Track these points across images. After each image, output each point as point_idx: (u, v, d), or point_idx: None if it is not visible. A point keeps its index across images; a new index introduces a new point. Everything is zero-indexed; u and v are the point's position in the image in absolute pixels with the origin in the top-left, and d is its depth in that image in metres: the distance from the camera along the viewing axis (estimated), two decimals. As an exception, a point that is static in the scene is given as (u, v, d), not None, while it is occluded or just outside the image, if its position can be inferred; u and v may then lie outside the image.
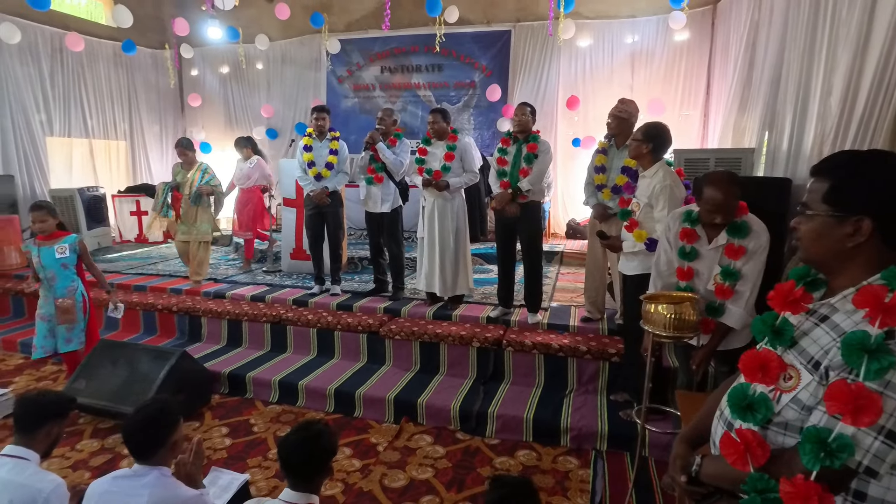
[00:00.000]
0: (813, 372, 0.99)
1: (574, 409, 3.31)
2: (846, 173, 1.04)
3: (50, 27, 7.24)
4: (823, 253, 1.07)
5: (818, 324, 1.05)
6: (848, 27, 3.05)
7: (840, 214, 1.02)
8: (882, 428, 0.87)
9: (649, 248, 2.80)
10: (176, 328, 4.76)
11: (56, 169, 7.62)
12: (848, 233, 1.02)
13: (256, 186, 5.89)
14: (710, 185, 2.24)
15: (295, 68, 8.69)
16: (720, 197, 2.23)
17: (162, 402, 1.92)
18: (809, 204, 1.07)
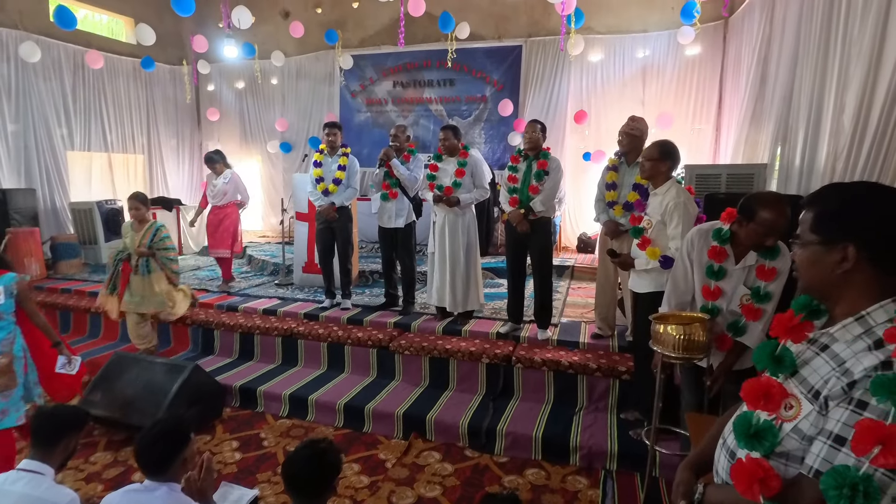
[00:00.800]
0: (813, 402, 0.99)
1: (584, 428, 3.28)
2: (830, 202, 1.07)
3: (73, 45, 7.46)
4: (818, 281, 1.09)
5: (819, 353, 1.05)
6: (860, 45, 3.04)
7: (827, 242, 1.04)
8: None
9: (664, 265, 2.78)
10: (189, 340, 4.82)
11: (76, 182, 7.80)
12: (836, 260, 1.03)
13: (232, 202, 5.59)
14: (767, 208, 2.16)
15: (309, 83, 8.83)
16: (779, 220, 2.16)
17: (175, 419, 1.96)
18: (801, 234, 1.09)
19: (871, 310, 1.01)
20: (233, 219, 5.61)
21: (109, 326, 5.17)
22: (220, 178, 5.48)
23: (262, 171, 9.40)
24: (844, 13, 3.28)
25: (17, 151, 6.92)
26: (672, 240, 2.77)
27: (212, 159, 5.54)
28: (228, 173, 5.53)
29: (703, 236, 2.40)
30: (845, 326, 1.03)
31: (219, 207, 5.56)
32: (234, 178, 5.54)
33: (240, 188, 5.59)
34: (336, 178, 4.57)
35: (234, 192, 5.54)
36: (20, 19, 6.88)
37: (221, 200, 5.53)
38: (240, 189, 5.59)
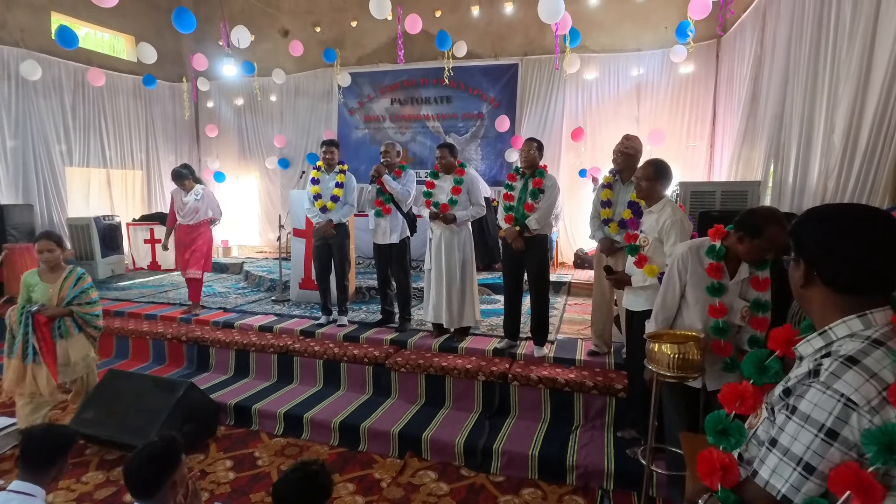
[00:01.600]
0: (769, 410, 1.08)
1: (580, 446, 3.27)
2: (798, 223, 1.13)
3: (74, 62, 7.53)
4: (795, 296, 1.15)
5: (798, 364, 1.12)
6: (848, 66, 3.10)
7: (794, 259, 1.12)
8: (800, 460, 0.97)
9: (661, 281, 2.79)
10: (185, 357, 4.79)
11: (74, 198, 7.82)
12: (798, 276, 1.11)
13: (205, 220, 5.20)
14: (775, 224, 2.18)
15: (308, 100, 8.92)
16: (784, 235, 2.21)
17: (165, 441, 1.94)
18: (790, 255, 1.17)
19: (833, 325, 1.06)
20: (206, 238, 5.25)
21: (104, 343, 5.14)
22: (191, 194, 5.08)
23: (260, 187, 9.44)
24: (833, 35, 3.35)
25: (15, 167, 6.95)
26: (669, 256, 2.79)
27: (181, 174, 5.10)
28: (200, 189, 5.15)
29: (695, 253, 2.40)
30: (809, 341, 1.09)
31: (190, 226, 5.12)
32: (206, 195, 5.18)
33: (212, 205, 5.23)
34: (334, 195, 4.60)
35: (206, 209, 5.17)
36: (22, 37, 6.95)
37: (193, 219, 5.10)
38: (212, 206, 5.23)
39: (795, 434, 0.97)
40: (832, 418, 0.93)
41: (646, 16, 7.11)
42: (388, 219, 4.45)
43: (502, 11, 7.64)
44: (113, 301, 5.94)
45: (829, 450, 0.93)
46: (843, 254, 1.04)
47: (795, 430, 0.97)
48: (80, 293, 3.40)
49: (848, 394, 0.93)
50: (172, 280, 7.27)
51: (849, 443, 0.92)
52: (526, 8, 7.34)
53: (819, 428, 0.94)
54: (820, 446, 0.94)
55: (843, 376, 0.94)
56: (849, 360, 0.96)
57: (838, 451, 0.93)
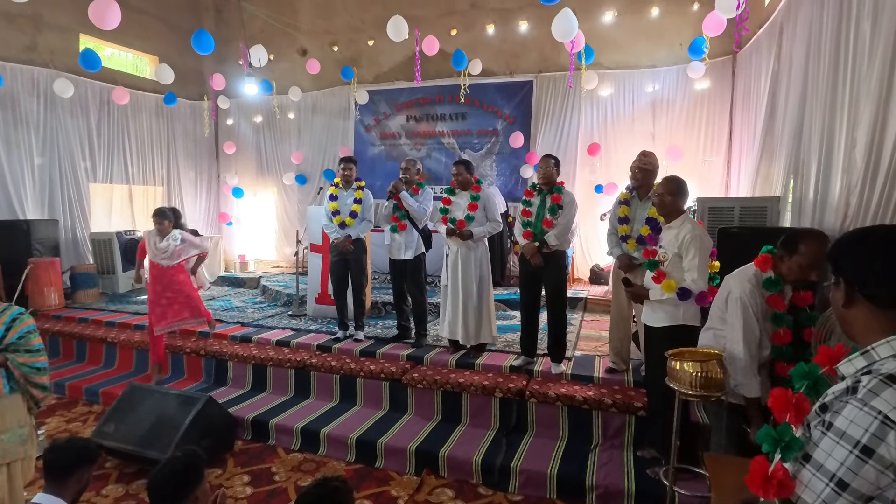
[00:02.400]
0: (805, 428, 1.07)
1: (599, 466, 3.22)
2: (838, 244, 1.14)
3: (100, 82, 7.76)
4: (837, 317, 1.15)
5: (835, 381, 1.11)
6: (869, 82, 3.07)
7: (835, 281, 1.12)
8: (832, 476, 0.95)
9: (681, 297, 2.77)
10: (203, 371, 4.84)
11: (97, 213, 7.99)
12: (839, 297, 1.11)
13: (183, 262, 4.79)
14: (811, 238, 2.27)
15: (325, 117, 9.06)
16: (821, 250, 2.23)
17: (188, 455, 1.95)
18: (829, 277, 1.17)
19: (876, 345, 1.05)
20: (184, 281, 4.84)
21: (125, 356, 5.23)
22: (168, 240, 4.64)
23: (278, 203, 9.56)
24: (852, 52, 3.33)
25: (41, 184, 7.13)
26: (688, 272, 2.77)
27: (164, 214, 4.71)
28: (177, 235, 4.72)
29: (755, 287, 2.37)
30: (851, 360, 1.08)
31: (164, 269, 4.69)
32: (185, 239, 4.77)
33: (195, 243, 4.87)
34: (352, 211, 4.65)
35: (188, 249, 4.79)
36: (51, 58, 7.19)
37: (173, 259, 4.70)
38: (195, 244, 4.86)
39: (830, 450, 0.96)
40: (868, 435, 0.92)
41: (660, 33, 7.14)
42: (404, 235, 4.48)
43: (517, 30, 7.73)
44: (132, 315, 6.03)
45: (863, 467, 0.92)
46: (883, 268, 1.05)
47: (830, 446, 0.96)
48: (19, 338, 2.57)
49: (886, 411, 0.92)
50: (191, 294, 7.36)
51: (884, 461, 0.91)
52: (540, 26, 7.43)
53: (854, 444, 0.93)
54: (854, 463, 0.93)
55: (881, 394, 0.94)
56: (889, 378, 0.95)
57: (873, 469, 0.91)
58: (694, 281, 2.73)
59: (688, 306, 2.81)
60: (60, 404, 4.59)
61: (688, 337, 2.77)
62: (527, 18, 7.64)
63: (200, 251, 4.91)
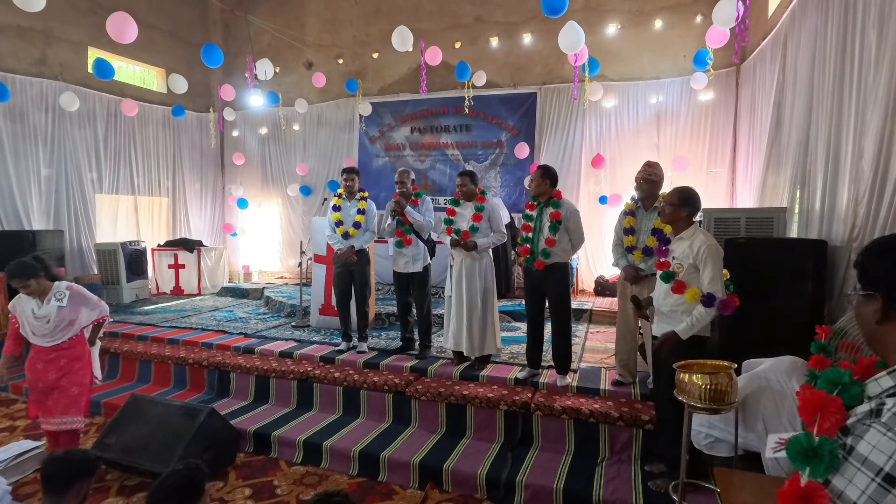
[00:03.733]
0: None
1: (607, 480, 3.16)
2: (871, 254, 1.09)
3: (108, 94, 7.85)
4: (865, 333, 1.10)
5: None
6: (876, 92, 3.06)
7: (865, 293, 1.06)
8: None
9: (706, 303, 2.72)
10: (206, 383, 4.81)
11: (102, 223, 8.03)
12: (872, 311, 1.05)
13: (80, 334, 3.34)
14: None
15: (330, 129, 9.12)
16: None
17: (189, 470, 1.92)
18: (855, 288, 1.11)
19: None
20: (84, 361, 3.38)
21: (127, 367, 5.21)
22: (50, 302, 3.21)
23: (282, 214, 9.59)
24: (858, 62, 3.32)
25: (48, 194, 7.18)
26: (710, 283, 2.72)
27: (25, 270, 3.13)
28: (63, 289, 3.27)
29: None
30: (877, 380, 1.00)
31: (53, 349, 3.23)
32: (74, 294, 3.29)
33: (90, 303, 3.37)
34: (356, 221, 4.65)
35: (81, 314, 3.31)
36: (60, 71, 7.28)
37: (62, 335, 3.24)
38: (90, 304, 3.37)
39: (851, 477, 0.90)
40: (892, 463, 0.86)
41: (664, 45, 7.17)
42: (410, 249, 4.47)
43: (521, 42, 7.79)
44: (136, 326, 6.02)
45: (886, 496, 0.86)
46: None
47: (851, 473, 0.90)
48: None
49: None
50: (195, 305, 7.36)
51: None
52: (544, 39, 7.48)
53: (877, 472, 0.87)
54: (876, 492, 0.86)
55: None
56: None
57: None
58: (717, 291, 2.71)
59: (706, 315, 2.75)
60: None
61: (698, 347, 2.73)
62: (531, 31, 7.69)
63: (100, 314, 3.43)
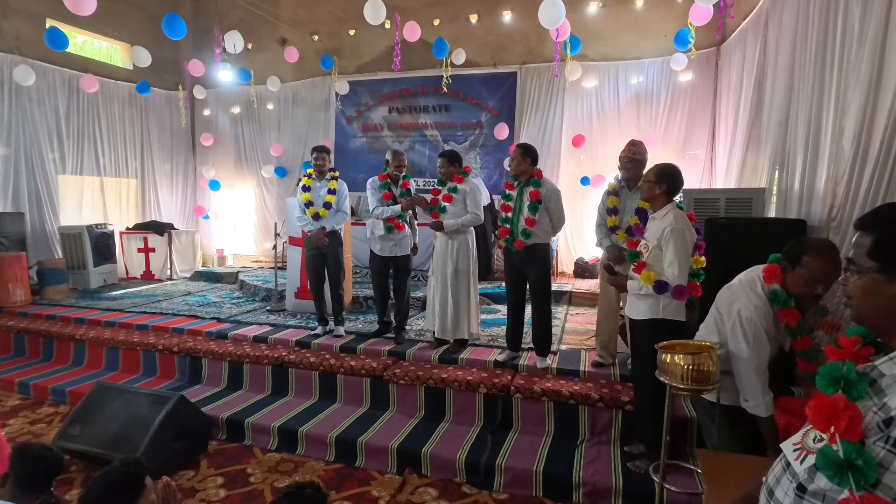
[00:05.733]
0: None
1: (587, 462, 3.14)
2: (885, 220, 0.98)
3: (69, 70, 7.45)
4: (873, 313, 0.99)
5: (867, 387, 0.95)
6: (858, 70, 3.02)
7: (888, 271, 0.95)
8: None
9: (658, 290, 2.68)
10: (177, 369, 4.65)
11: (66, 206, 7.69)
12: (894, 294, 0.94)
13: None
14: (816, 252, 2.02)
15: (305, 109, 8.85)
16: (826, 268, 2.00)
17: (125, 466, 1.77)
18: (856, 260, 1.00)
19: None
20: None
21: (94, 354, 5.01)
22: None
23: (257, 196, 9.33)
24: (840, 39, 3.28)
25: (6, 175, 6.82)
26: (668, 266, 2.66)
27: None
28: None
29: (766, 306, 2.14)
30: (892, 360, 0.93)
31: None
32: None
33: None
34: (326, 202, 4.50)
35: None
36: (17, 44, 6.88)
37: None
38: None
39: None
40: None
41: (646, 25, 7.08)
42: (400, 233, 4.37)
43: (501, 20, 7.62)
44: (104, 311, 5.80)
45: None
46: None
47: None
48: None
49: None
50: (166, 290, 7.14)
51: None
52: (525, 17, 7.32)
53: None
54: None
55: None
56: None
57: None
58: (674, 276, 2.63)
59: (668, 300, 2.70)
60: (25, 405, 4.37)
61: (671, 331, 2.66)
62: (511, 9, 7.52)
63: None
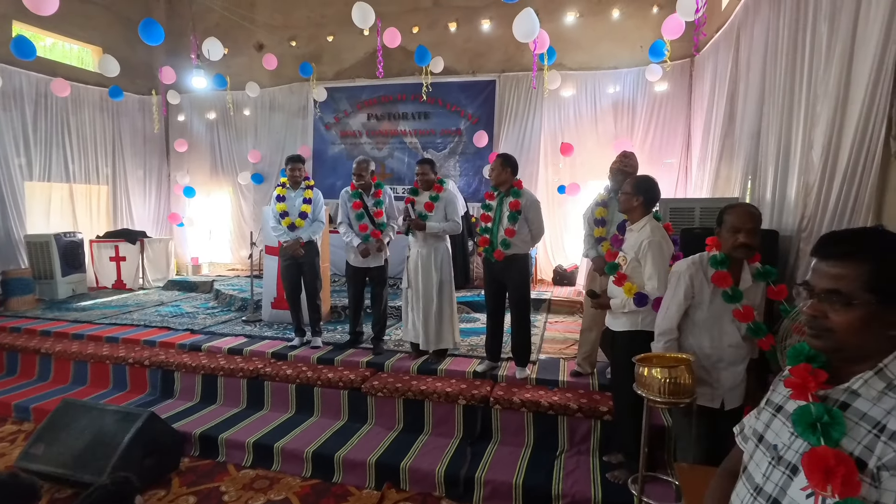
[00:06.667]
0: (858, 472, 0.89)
1: (566, 473, 3.13)
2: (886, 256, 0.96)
3: (36, 73, 7.23)
4: (865, 343, 0.97)
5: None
6: (826, 84, 3.10)
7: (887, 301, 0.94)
8: None
9: (638, 302, 2.71)
10: (148, 383, 4.52)
11: (33, 213, 7.43)
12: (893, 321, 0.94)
13: None
14: (733, 210, 2.31)
15: (283, 115, 8.75)
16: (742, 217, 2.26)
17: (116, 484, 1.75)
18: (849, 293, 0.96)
19: (887, 361, 0.94)
20: None
21: (60, 368, 4.84)
22: None
23: (233, 203, 9.18)
24: (809, 54, 3.36)
25: (-32, 182, 6.58)
26: (648, 279, 2.69)
27: None
28: None
29: (699, 267, 2.35)
30: (867, 381, 0.94)
31: None
32: None
33: None
34: (302, 211, 4.44)
35: None
36: (-20, 47, 6.65)
37: None
38: None
39: None
40: None
41: (622, 35, 7.19)
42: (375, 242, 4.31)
43: (480, 29, 7.65)
44: (72, 323, 5.62)
45: None
46: None
47: None
48: None
49: None
50: (138, 299, 6.95)
51: None
52: (504, 26, 7.35)
53: None
54: None
55: None
56: None
57: None
58: (654, 288, 2.66)
59: (648, 312, 2.73)
60: (-16, 422, 4.19)
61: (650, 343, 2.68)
62: (490, 17, 7.57)
63: None
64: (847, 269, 0.97)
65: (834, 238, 1.03)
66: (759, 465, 1.08)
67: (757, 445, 1.11)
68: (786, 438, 1.03)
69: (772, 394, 1.16)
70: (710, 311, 2.34)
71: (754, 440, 1.13)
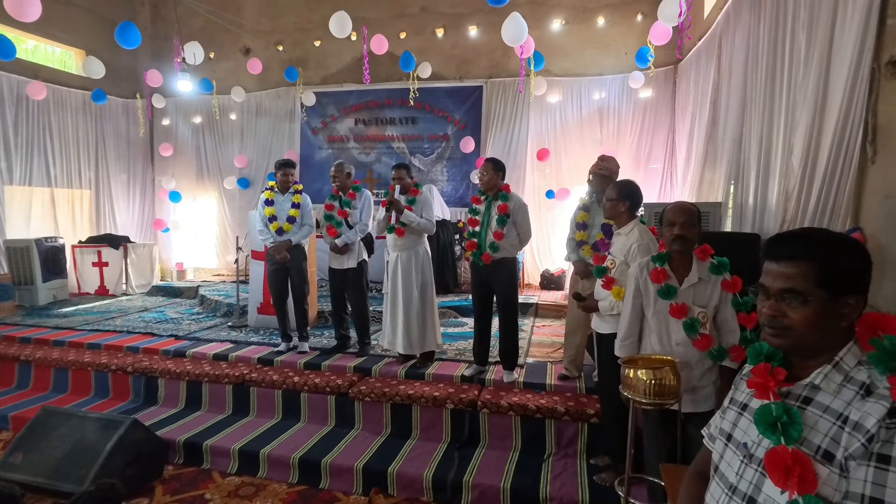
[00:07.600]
0: (825, 463, 0.91)
1: (554, 476, 3.14)
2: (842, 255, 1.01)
3: (17, 75, 7.12)
4: (820, 337, 1.01)
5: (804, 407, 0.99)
6: (805, 91, 3.17)
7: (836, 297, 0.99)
8: None
9: None
10: (131, 390, 4.44)
11: (13, 218, 7.29)
12: (842, 313, 0.99)
13: None
14: (669, 210, 2.38)
15: (269, 119, 8.70)
16: (674, 211, 2.34)
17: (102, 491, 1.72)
18: (803, 290, 1.00)
19: (841, 354, 0.98)
20: None
21: (41, 375, 4.74)
22: None
23: (219, 208, 9.09)
24: (788, 61, 3.44)
25: (-54, 186, 6.45)
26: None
27: None
28: None
29: (644, 267, 2.44)
30: (826, 375, 0.98)
31: None
32: None
33: None
34: (290, 216, 4.42)
35: None
36: (-41, 49, 6.53)
37: None
38: None
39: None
40: None
41: (607, 42, 7.29)
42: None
43: (467, 35, 7.70)
44: (52, 329, 5.51)
45: None
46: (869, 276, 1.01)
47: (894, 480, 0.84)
48: None
49: None
50: (121, 305, 6.85)
51: None
52: (491, 32, 7.42)
53: None
54: None
55: None
56: None
57: None
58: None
59: None
60: (-38, 432, 4.09)
61: None
62: (477, 24, 7.62)
63: None
64: (798, 268, 1.01)
65: (782, 239, 1.07)
66: (731, 464, 1.10)
67: (726, 444, 1.13)
68: (755, 436, 1.05)
69: (735, 392, 1.19)
70: (656, 309, 2.40)
71: (722, 439, 1.15)
